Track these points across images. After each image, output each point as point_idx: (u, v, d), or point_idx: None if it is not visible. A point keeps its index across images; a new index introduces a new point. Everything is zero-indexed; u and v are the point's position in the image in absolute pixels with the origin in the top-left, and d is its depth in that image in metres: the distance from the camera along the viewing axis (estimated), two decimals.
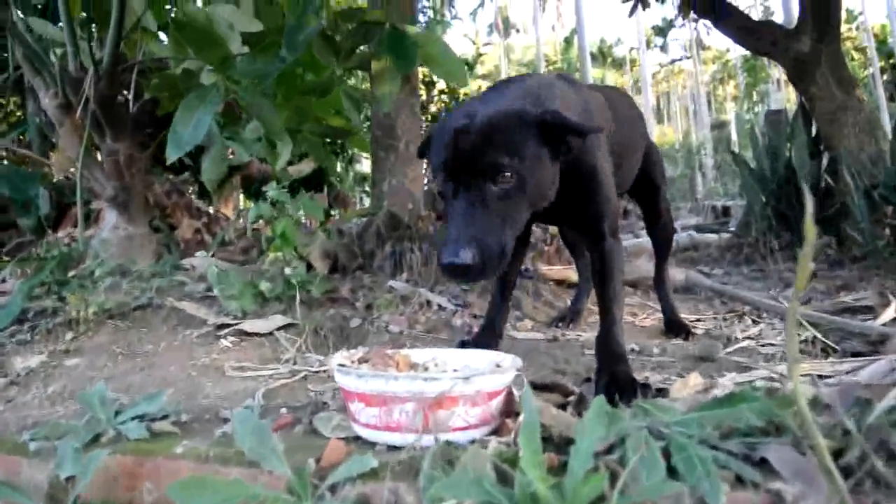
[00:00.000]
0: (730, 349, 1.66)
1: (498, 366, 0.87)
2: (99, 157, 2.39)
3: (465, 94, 7.18)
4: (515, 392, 0.93)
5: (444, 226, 1.32)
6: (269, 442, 0.70)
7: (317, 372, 1.34)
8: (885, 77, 16.84)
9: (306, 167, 5.39)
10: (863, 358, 1.46)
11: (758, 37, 4.10)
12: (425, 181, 3.21)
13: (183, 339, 1.53)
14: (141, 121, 2.61)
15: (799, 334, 1.86)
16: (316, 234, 2.75)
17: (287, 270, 1.76)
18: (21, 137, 3.40)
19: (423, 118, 6.68)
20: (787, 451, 0.70)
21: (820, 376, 1.36)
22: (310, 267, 2.55)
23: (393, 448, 0.78)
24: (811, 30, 3.82)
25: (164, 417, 0.95)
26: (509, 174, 0.95)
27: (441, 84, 7.55)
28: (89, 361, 1.42)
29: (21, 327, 1.65)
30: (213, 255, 2.78)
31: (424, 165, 3.09)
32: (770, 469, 0.68)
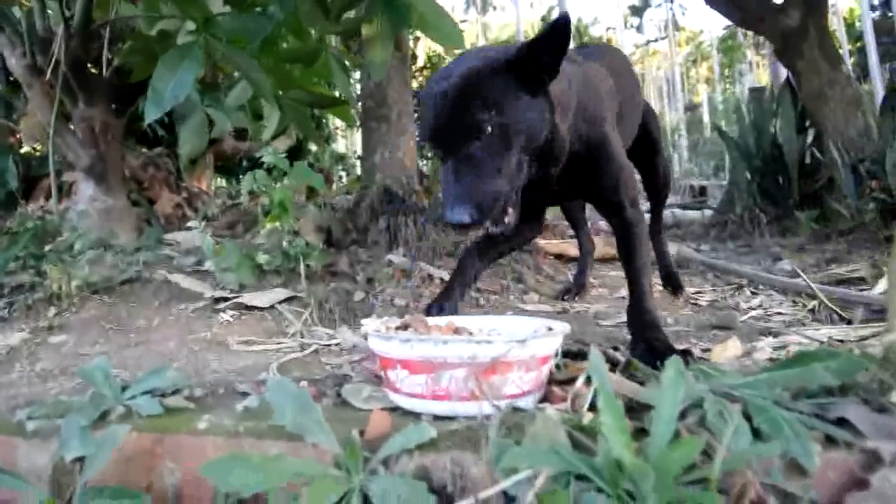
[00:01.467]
0: (743, 317, 1.64)
1: (550, 329, 0.81)
2: (71, 125, 2.22)
3: None
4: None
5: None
6: (312, 412, 0.62)
7: (328, 345, 1.26)
8: (852, 60, 17.23)
9: (283, 144, 5.21)
10: (879, 324, 1.45)
11: (745, 10, 4.08)
12: (419, 153, 3.12)
13: (178, 314, 1.43)
14: (115, 87, 2.44)
15: (804, 304, 1.87)
16: (307, 207, 2.64)
17: (284, 242, 1.66)
18: None
19: None
20: (864, 411, 0.66)
21: (842, 341, 1.35)
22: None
23: (439, 418, 0.72)
24: (799, 3, 3.82)
25: (176, 392, 0.86)
26: (490, 128, 0.95)
27: (421, 60, 7.37)
28: (77, 338, 1.31)
29: None
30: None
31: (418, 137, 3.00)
32: (850, 429, 0.64)
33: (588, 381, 0.74)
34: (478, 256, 1.38)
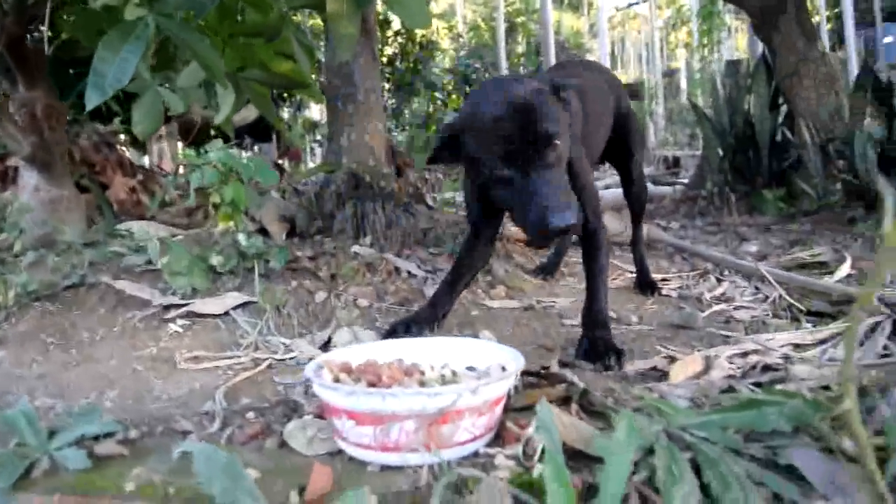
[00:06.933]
0: (705, 313, 1.65)
1: (503, 368, 0.78)
2: (12, 110, 2.07)
3: (423, 37, 6.80)
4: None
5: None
6: (242, 481, 0.58)
7: (283, 360, 1.21)
8: (829, 25, 17.23)
9: (251, 113, 4.99)
10: (831, 323, 1.46)
11: None
12: (389, 135, 2.99)
13: (124, 324, 1.36)
14: (64, 61, 2.27)
15: (766, 295, 1.88)
16: (269, 194, 2.54)
17: (241, 240, 1.58)
18: None
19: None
20: (814, 457, 0.65)
21: (797, 345, 1.35)
22: (263, 231, 2.36)
23: (387, 468, 0.69)
24: None
25: (110, 435, 0.81)
26: (559, 142, 1.09)
27: (396, 24, 7.11)
28: (14, 356, 1.24)
29: None
30: (152, 219, 2.53)
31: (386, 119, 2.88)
32: (800, 476, 0.63)
33: None
34: (449, 290, 1.45)
